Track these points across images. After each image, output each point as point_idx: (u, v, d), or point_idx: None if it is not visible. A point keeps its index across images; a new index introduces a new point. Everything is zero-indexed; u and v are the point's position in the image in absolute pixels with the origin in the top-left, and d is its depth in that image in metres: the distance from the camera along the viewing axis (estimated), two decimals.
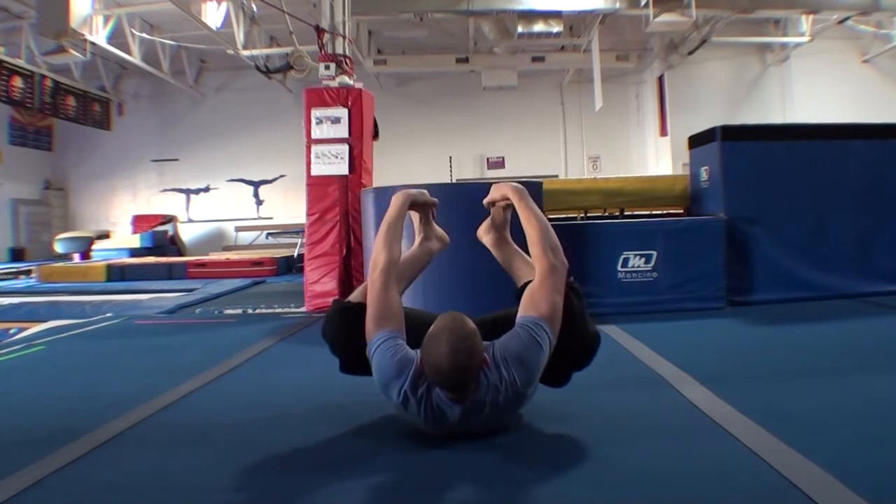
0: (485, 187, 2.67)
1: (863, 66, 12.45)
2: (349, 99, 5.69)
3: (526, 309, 2.10)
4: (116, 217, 14.38)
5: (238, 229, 14.05)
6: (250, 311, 5.75)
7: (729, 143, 4.99)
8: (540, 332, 2.02)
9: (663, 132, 12.57)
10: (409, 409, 2.00)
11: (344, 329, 2.23)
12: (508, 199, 2.42)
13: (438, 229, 2.65)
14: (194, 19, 9.64)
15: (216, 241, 13.97)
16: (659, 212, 5.89)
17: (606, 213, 5.86)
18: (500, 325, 2.17)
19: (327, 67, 5.87)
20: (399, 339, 2.06)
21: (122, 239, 12.69)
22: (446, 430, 2.02)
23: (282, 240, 12.93)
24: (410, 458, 1.97)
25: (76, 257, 11.92)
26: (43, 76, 11.59)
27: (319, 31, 6.03)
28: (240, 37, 10.63)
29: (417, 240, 2.60)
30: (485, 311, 2.47)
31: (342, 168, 5.61)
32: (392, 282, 2.16)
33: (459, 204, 4.59)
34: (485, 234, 2.61)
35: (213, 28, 10.06)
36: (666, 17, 9.14)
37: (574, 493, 1.72)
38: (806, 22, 11.24)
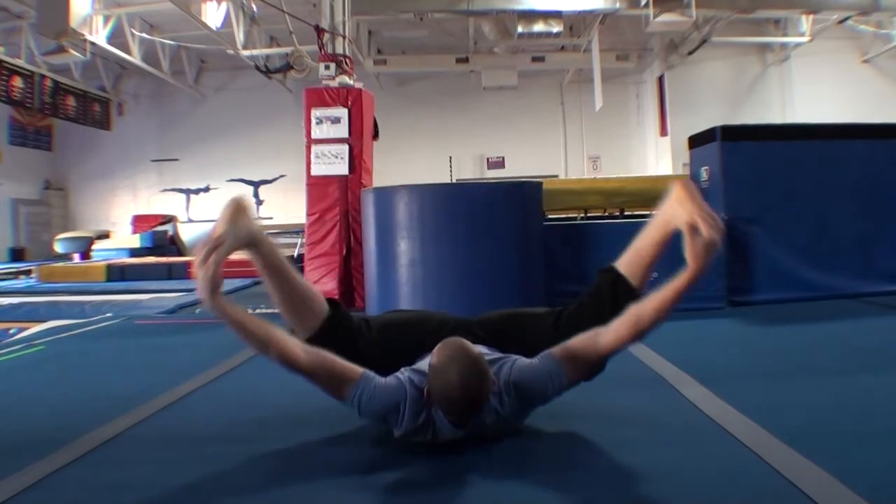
0: (485, 187, 2.64)
1: (863, 66, 12.45)
2: (349, 99, 5.69)
3: (568, 350, 1.94)
4: (116, 217, 14.39)
5: None
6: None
7: (729, 143, 4.99)
8: (554, 385, 1.95)
9: (663, 132, 12.58)
10: (415, 437, 1.98)
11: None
12: (704, 235, 1.76)
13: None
14: (194, 19, 9.65)
15: None
16: None
17: (606, 213, 5.86)
18: (515, 324, 2.17)
19: (327, 67, 5.88)
20: (367, 382, 1.91)
21: (122, 239, 12.69)
22: (449, 441, 2.02)
23: (282, 240, 12.89)
24: (411, 458, 1.97)
25: (76, 257, 11.91)
26: (43, 76, 11.59)
27: (319, 31, 6.03)
28: (240, 37, 10.63)
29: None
30: (482, 310, 2.46)
31: (342, 168, 5.61)
32: (297, 354, 1.88)
33: (459, 204, 4.61)
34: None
35: (213, 28, 10.07)
36: (666, 17, 9.15)
37: (574, 493, 1.72)
38: (806, 22, 11.25)
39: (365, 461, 1.99)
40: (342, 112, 5.64)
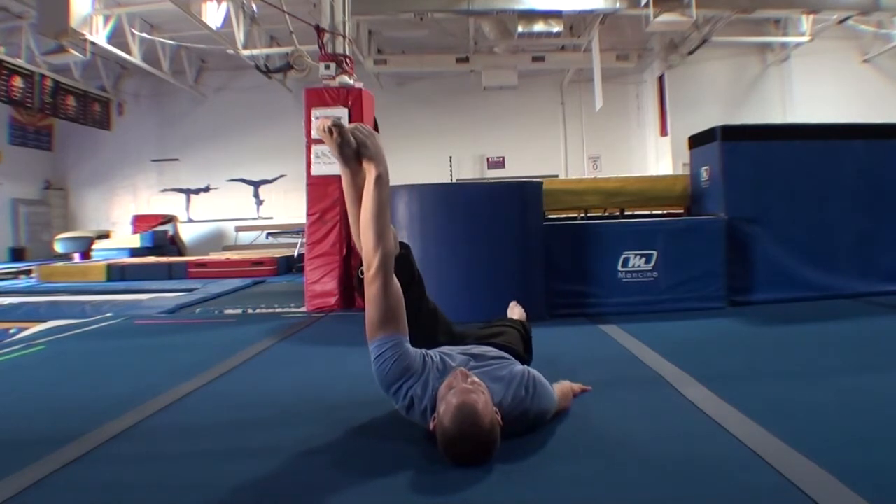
0: (485, 187, 2.65)
1: (863, 66, 12.44)
2: (349, 99, 5.69)
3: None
4: (116, 217, 14.38)
5: (238, 229, 14.04)
6: (250, 311, 5.75)
7: (729, 143, 4.99)
8: (534, 413, 2.11)
9: (663, 132, 12.57)
10: (413, 412, 2.03)
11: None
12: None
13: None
14: (194, 19, 9.64)
15: (216, 241, 13.96)
16: (659, 212, 5.89)
17: (606, 213, 5.86)
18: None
19: (327, 67, 5.87)
20: (403, 344, 2.02)
21: (122, 239, 12.69)
22: None
23: (282, 240, 12.92)
24: (410, 458, 1.97)
25: (76, 257, 11.91)
26: (43, 76, 11.59)
27: (319, 30, 6.03)
28: (240, 37, 10.63)
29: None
30: (484, 308, 2.48)
31: None
32: (391, 277, 2.01)
33: (459, 204, 4.61)
34: None
35: (213, 28, 10.06)
36: (666, 17, 9.14)
37: (574, 492, 1.72)
38: (806, 22, 11.24)
39: (365, 460, 2.00)
40: (342, 112, 5.64)
